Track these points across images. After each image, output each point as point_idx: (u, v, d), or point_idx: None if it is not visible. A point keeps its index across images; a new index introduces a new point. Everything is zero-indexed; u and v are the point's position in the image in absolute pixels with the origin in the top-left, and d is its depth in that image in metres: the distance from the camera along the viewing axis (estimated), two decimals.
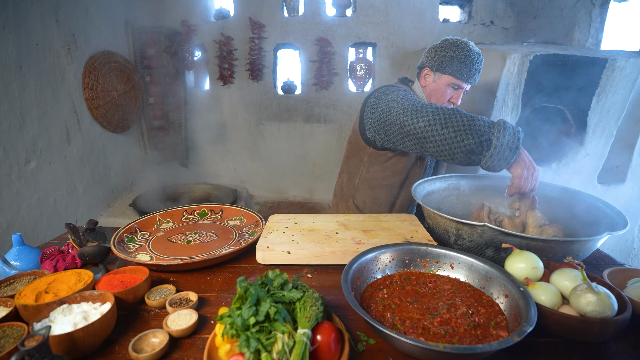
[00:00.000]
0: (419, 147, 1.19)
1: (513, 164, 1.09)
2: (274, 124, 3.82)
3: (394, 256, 0.98)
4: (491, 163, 1.07)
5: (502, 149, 1.05)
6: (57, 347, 0.66)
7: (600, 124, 2.40)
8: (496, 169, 1.09)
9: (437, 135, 1.11)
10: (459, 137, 1.08)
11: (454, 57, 1.43)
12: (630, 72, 2.25)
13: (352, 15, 3.50)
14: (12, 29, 2.26)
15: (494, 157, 1.06)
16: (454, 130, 1.09)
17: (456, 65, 1.43)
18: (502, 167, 1.08)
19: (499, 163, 1.07)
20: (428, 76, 1.52)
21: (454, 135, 1.09)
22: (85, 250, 1.04)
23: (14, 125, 2.30)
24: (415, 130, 1.16)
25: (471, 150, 1.08)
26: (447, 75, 1.46)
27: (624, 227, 0.99)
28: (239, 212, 1.43)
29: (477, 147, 1.07)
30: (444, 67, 1.46)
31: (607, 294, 0.75)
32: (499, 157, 1.06)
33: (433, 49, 1.51)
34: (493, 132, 1.06)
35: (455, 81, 1.46)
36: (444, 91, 1.49)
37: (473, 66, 1.44)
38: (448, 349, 0.61)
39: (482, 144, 1.06)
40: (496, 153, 1.05)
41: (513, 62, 2.21)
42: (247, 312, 0.64)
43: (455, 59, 1.43)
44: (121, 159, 3.46)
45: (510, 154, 1.06)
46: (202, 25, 3.57)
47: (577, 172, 2.51)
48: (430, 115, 1.14)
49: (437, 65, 1.47)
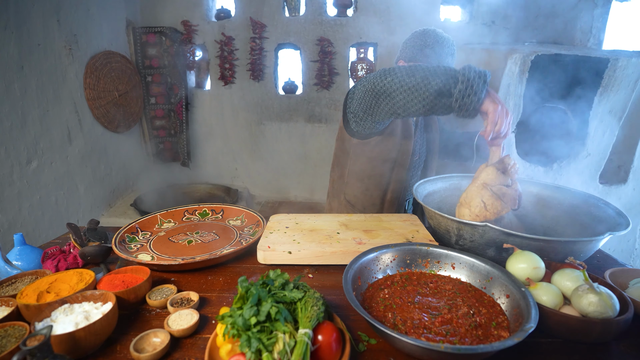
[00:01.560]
0: (391, 105, 1.20)
1: (485, 101, 1.07)
2: (275, 124, 3.82)
3: (395, 256, 0.97)
4: (462, 101, 1.05)
5: (469, 82, 1.03)
6: (59, 346, 0.66)
7: (602, 124, 2.40)
8: (469, 108, 1.07)
9: (406, 84, 1.13)
10: (425, 80, 1.09)
11: (422, 44, 1.47)
12: (632, 72, 2.24)
13: (353, 15, 3.50)
14: (14, 29, 2.27)
15: (463, 93, 1.04)
16: (421, 77, 1.10)
17: (425, 52, 1.46)
18: (474, 103, 1.06)
19: (469, 99, 1.05)
20: None
21: (421, 81, 1.09)
22: (86, 250, 1.04)
23: (15, 125, 2.30)
24: (385, 86, 1.18)
25: (440, 91, 1.07)
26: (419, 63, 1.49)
27: (626, 227, 0.99)
28: (240, 212, 1.43)
29: (445, 86, 1.06)
30: (414, 56, 1.49)
31: (608, 294, 0.75)
32: (469, 92, 1.04)
33: (404, 41, 1.56)
34: (458, 71, 1.07)
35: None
36: None
37: (443, 50, 1.46)
38: (449, 349, 0.61)
39: (448, 82, 1.06)
40: (464, 88, 1.04)
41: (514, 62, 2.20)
42: (248, 312, 0.64)
43: (423, 46, 1.46)
44: (122, 159, 3.46)
45: (480, 88, 1.04)
46: (203, 25, 3.58)
47: (579, 172, 2.51)
48: (397, 71, 1.16)
49: (409, 56, 1.51)
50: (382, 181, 1.58)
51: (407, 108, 1.17)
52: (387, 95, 1.19)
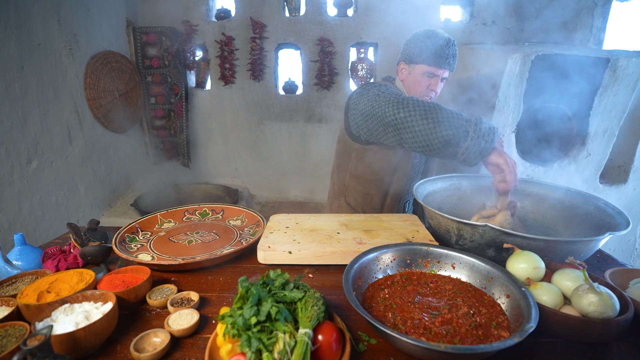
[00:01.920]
0: (398, 138, 1.22)
1: (491, 155, 1.11)
2: (275, 124, 3.82)
3: (395, 256, 0.97)
4: (467, 154, 1.09)
5: (478, 140, 1.07)
6: (59, 346, 0.66)
7: (602, 124, 2.40)
8: (472, 161, 1.10)
9: (417, 125, 1.15)
10: (437, 127, 1.11)
11: (422, 46, 1.46)
12: (632, 72, 2.24)
13: (353, 15, 3.50)
14: (14, 29, 2.27)
15: (470, 148, 1.08)
16: (433, 121, 1.12)
17: (426, 53, 1.45)
18: (478, 158, 1.10)
19: (474, 155, 1.09)
20: (404, 70, 1.54)
21: (433, 126, 1.12)
22: (86, 250, 1.04)
23: (15, 125, 2.30)
24: (396, 120, 1.19)
25: (448, 141, 1.10)
26: (420, 65, 1.48)
27: (626, 227, 0.99)
28: (240, 212, 1.44)
29: (454, 138, 1.09)
30: (415, 57, 1.48)
31: (609, 294, 0.75)
32: (475, 149, 1.08)
33: (406, 43, 1.54)
34: (470, 124, 1.09)
35: (428, 69, 1.47)
36: (421, 81, 1.50)
37: (443, 51, 1.44)
38: (449, 349, 0.61)
39: (458, 135, 1.09)
40: (472, 144, 1.08)
41: (515, 61, 2.20)
42: (249, 312, 0.64)
43: (425, 47, 1.45)
44: (123, 159, 3.46)
45: (486, 145, 1.08)
46: (204, 25, 3.58)
47: (579, 172, 2.51)
48: (411, 107, 1.17)
49: (410, 57, 1.50)
50: (382, 185, 1.58)
51: (412, 146, 1.19)
52: (395, 128, 1.21)
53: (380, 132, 1.29)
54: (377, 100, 1.28)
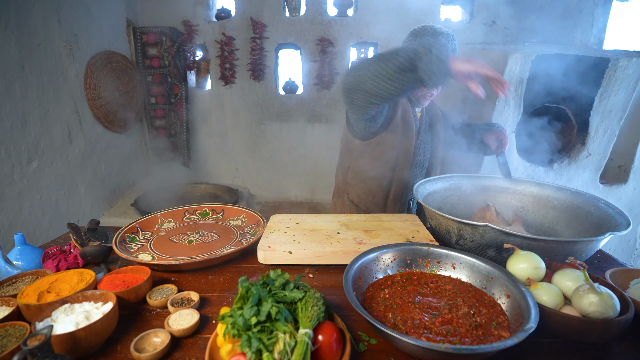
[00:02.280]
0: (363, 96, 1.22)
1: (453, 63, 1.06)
2: (276, 123, 3.82)
3: (395, 256, 0.97)
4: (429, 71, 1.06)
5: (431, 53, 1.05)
6: (59, 346, 0.66)
7: (603, 123, 2.40)
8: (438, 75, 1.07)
9: (369, 72, 1.16)
10: (388, 62, 1.12)
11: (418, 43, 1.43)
12: (632, 72, 2.24)
13: (353, 15, 3.50)
14: (14, 29, 2.27)
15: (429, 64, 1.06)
16: (381, 61, 1.14)
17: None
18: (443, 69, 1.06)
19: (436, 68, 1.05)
20: None
21: (383, 64, 1.13)
22: (87, 250, 1.04)
23: (16, 125, 2.30)
24: (352, 81, 1.21)
25: (404, 67, 1.09)
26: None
27: (627, 227, 0.99)
28: (240, 212, 1.43)
29: (408, 61, 1.09)
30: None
31: (609, 294, 0.75)
32: (433, 60, 1.05)
33: (403, 41, 1.51)
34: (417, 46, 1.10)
35: None
36: None
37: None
38: (450, 349, 0.61)
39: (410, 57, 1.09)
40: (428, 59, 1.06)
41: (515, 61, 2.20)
42: (249, 312, 0.64)
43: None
44: (123, 159, 3.47)
45: (441, 55, 1.06)
46: (204, 25, 3.58)
47: (579, 172, 2.51)
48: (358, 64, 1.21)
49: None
50: (384, 182, 1.58)
51: (379, 93, 1.19)
52: (356, 88, 1.22)
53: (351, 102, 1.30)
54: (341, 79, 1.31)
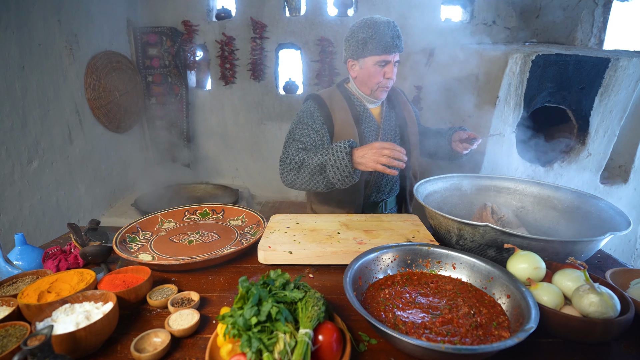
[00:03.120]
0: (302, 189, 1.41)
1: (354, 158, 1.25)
2: (276, 123, 3.82)
3: (395, 256, 0.97)
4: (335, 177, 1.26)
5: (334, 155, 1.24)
6: (60, 346, 0.66)
7: (603, 124, 2.39)
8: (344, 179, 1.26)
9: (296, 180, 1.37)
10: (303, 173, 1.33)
11: (365, 37, 1.42)
12: (633, 72, 2.24)
13: (353, 15, 3.50)
14: (15, 30, 2.27)
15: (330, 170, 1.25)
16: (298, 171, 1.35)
17: (371, 44, 1.41)
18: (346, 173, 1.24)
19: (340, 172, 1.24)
20: (354, 66, 1.50)
21: (302, 175, 1.34)
22: (87, 250, 1.04)
23: (16, 125, 2.30)
24: (288, 184, 1.41)
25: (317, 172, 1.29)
26: (369, 57, 1.44)
27: (627, 227, 0.99)
28: (240, 212, 1.44)
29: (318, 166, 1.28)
30: (361, 51, 1.44)
31: (609, 294, 0.75)
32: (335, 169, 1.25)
33: (346, 40, 1.51)
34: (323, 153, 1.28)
35: (378, 58, 1.43)
36: (374, 72, 1.46)
37: (387, 34, 1.41)
38: (450, 349, 0.61)
39: (319, 162, 1.27)
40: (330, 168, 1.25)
41: (515, 61, 2.20)
42: (249, 312, 0.64)
43: (367, 37, 1.42)
44: (123, 159, 3.46)
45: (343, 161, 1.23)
46: (204, 25, 3.58)
47: (580, 172, 2.51)
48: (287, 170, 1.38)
49: (355, 52, 1.46)
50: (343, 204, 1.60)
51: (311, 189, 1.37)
52: (292, 187, 1.41)
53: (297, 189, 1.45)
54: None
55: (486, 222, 0.97)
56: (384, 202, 1.67)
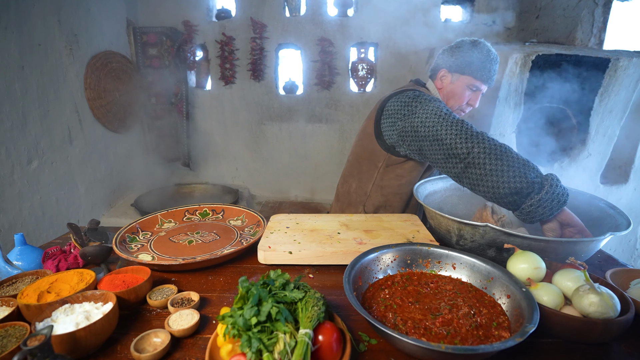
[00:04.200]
0: (460, 172, 1.11)
1: (561, 215, 1.03)
2: (276, 124, 3.82)
3: (395, 256, 0.97)
4: (534, 209, 1.01)
5: (552, 196, 0.99)
6: (59, 346, 0.66)
7: (603, 124, 2.40)
8: (536, 216, 1.02)
9: (489, 164, 1.04)
10: (511, 172, 1.01)
11: (473, 57, 1.39)
12: (633, 72, 2.24)
13: (353, 15, 3.50)
14: (14, 29, 2.27)
15: (541, 202, 1.00)
16: (508, 165, 1.02)
17: (475, 66, 1.38)
18: (544, 217, 1.02)
19: (542, 211, 1.00)
20: (445, 78, 1.46)
21: (507, 169, 1.02)
22: (87, 250, 1.04)
23: (16, 125, 2.30)
24: (468, 154, 1.08)
25: (518, 190, 1.01)
26: (467, 76, 1.41)
27: (627, 227, 0.99)
28: (240, 212, 1.43)
29: (527, 188, 1.00)
30: (463, 68, 1.40)
31: (609, 294, 0.75)
32: (546, 204, 0.99)
33: (450, 49, 1.45)
34: (547, 179, 1.02)
35: (474, 82, 1.41)
36: (462, 93, 1.43)
37: (492, 67, 1.40)
38: (450, 350, 0.61)
39: (532, 186, 1.00)
40: (545, 199, 0.99)
41: (515, 62, 2.20)
42: (249, 312, 0.64)
43: (475, 59, 1.38)
44: (123, 159, 3.47)
45: (556, 208, 1.00)
46: (204, 25, 3.58)
47: (580, 172, 2.51)
48: (486, 143, 1.07)
49: (456, 67, 1.42)
50: (404, 198, 1.54)
51: (472, 183, 1.09)
52: (462, 161, 1.10)
53: (439, 159, 1.17)
54: (442, 123, 1.15)
55: (486, 222, 0.97)
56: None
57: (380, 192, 1.53)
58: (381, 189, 1.52)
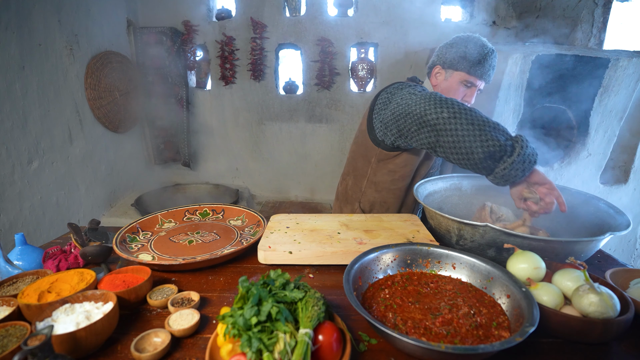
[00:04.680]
0: (434, 140, 1.10)
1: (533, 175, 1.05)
2: (276, 124, 3.82)
3: (395, 256, 0.97)
4: (507, 172, 1.01)
5: (523, 157, 1.00)
6: (60, 346, 0.66)
7: (603, 124, 2.40)
8: (509, 180, 1.03)
9: (460, 129, 1.03)
10: (483, 135, 1.01)
11: (466, 53, 1.37)
12: (633, 72, 2.24)
13: (353, 15, 3.50)
14: (15, 29, 2.27)
15: (514, 165, 1.00)
16: (479, 128, 1.02)
17: (468, 62, 1.37)
18: (517, 178, 1.03)
19: (514, 173, 1.01)
20: (439, 74, 1.46)
21: (479, 133, 1.01)
22: (87, 250, 1.04)
23: (16, 125, 2.30)
24: (438, 120, 1.07)
25: (491, 154, 1.01)
26: (460, 72, 1.40)
27: (627, 227, 0.99)
28: (240, 212, 1.44)
29: (499, 151, 1.00)
30: (456, 64, 1.40)
31: (609, 294, 0.75)
32: (518, 166, 1.00)
33: (444, 46, 1.45)
34: (517, 141, 1.02)
35: (468, 78, 1.39)
36: (457, 89, 1.42)
37: (487, 62, 1.37)
38: (450, 349, 0.61)
39: (505, 149, 1.00)
40: (518, 161, 0.99)
41: (515, 62, 2.20)
42: (249, 312, 0.64)
43: (468, 54, 1.37)
44: (123, 159, 3.47)
45: (527, 168, 1.01)
46: (204, 25, 3.58)
47: (580, 172, 2.51)
48: (456, 108, 1.06)
49: (449, 63, 1.42)
50: (399, 195, 1.53)
51: (447, 151, 1.08)
52: (434, 129, 1.09)
53: (414, 132, 1.17)
54: (414, 98, 1.17)
55: (486, 222, 0.98)
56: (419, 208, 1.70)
57: (375, 189, 1.53)
58: (375, 185, 1.52)
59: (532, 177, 1.05)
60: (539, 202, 1.07)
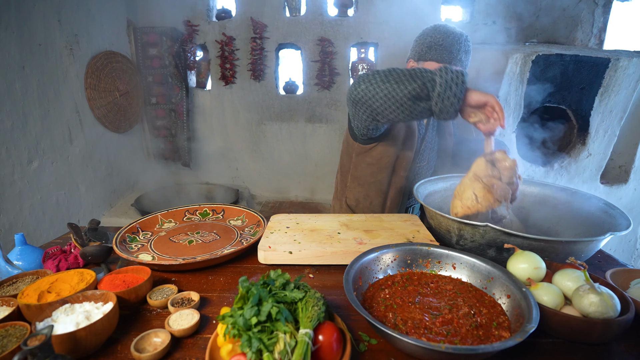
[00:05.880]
0: (370, 112, 1.16)
1: (470, 96, 1.04)
2: (276, 124, 3.82)
3: (395, 256, 0.97)
4: (442, 104, 1.02)
5: (448, 84, 1.00)
6: (60, 346, 0.66)
7: (603, 124, 2.40)
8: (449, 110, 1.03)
9: (380, 91, 1.09)
10: (401, 85, 1.05)
11: (432, 41, 1.40)
12: (633, 72, 2.24)
13: (353, 15, 3.50)
14: (15, 29, 2.27)
15: (442, 95, 1.01)
16: (395, 81, 1.06)
17: (436, 49, 1.39)
18: (455, 105, 1.03)
19: (449, 101, 1.02)
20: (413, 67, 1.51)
21: (396, 86, 1.06)
22: (87, 250, 1.04)
23: (16, 125, 2.30)
24: (359, 95, 1.14)
25: (417, 95, 1.04)
26: (430, 62, 1.42)
27: (627, 227, 0.99)
28: (240, 212, 1.44)
29: (422, 89, 1.03)
30: (425, 54, 1.42)
31: (609, 294, 0.75)
32: (448, 95, 1.01)
33: (415, 39, 1.49)
34: (435, 73, 1.03)
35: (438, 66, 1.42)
36: None
37: (454, 47, 1.38)
38: (450, 350, 0.61)
39: (425, 85, 1.03)
40: (443, 90, 1.00)
41: (515, 61, 2.20)
42: (249, 312, 0.64)
43: (434, 43, 1.39)
44: (123, 159, 3.47)
45: (459, 89, 1.01)
46: (204, 25, 3.58)
47: (580, 172, 2.51)
48: (371, 77, 1.12)
49: (419, 54, 1.44)
50: (382, 188, 1.55)
51: (386, 115, 1.13)
52: (362, 103, 1.16)
53: (354, 113, 1.24)
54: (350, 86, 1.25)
55: (487, 223, 0.97)
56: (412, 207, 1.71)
57: (357, 183, 1.57)
58: (357, 179, 1.57)
59: (470, 99, 1.05)
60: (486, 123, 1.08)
